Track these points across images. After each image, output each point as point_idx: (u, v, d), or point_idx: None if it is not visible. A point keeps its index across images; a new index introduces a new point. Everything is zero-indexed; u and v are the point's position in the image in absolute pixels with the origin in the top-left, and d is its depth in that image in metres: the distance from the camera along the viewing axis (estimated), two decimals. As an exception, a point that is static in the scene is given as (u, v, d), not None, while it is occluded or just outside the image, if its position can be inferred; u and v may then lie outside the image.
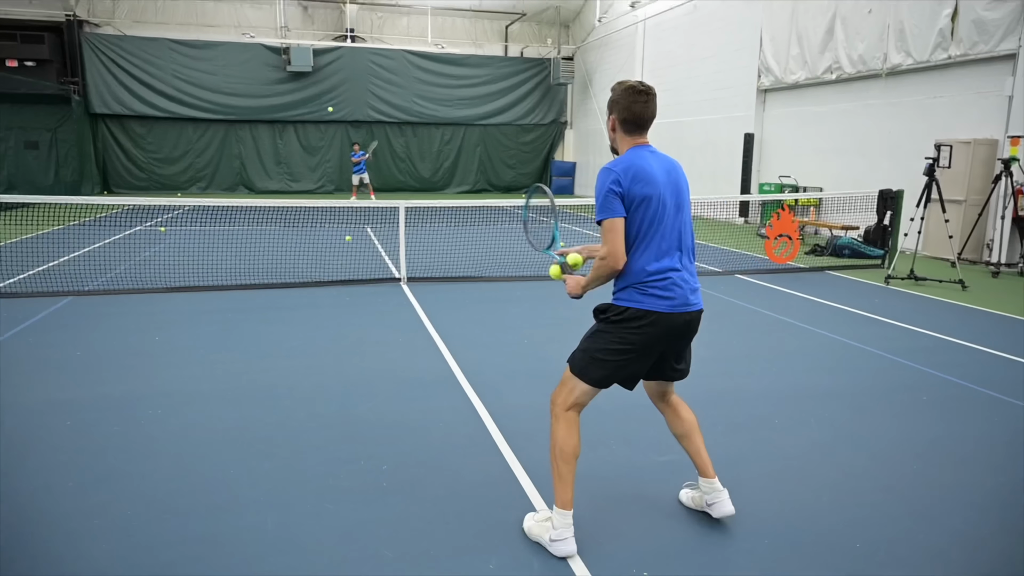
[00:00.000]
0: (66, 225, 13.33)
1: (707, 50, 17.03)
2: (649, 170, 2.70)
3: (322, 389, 4.56)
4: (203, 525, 2.90)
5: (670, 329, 2.72)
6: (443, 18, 24.34)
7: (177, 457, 3.53)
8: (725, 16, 16.26)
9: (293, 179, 23.73)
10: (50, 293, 7.25)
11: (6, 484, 3.22)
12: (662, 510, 3.08)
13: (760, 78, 15.02)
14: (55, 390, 4.47)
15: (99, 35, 21.51)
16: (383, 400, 4.36)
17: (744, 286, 8.37)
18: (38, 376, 4.73)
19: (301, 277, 8.29)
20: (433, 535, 2.86)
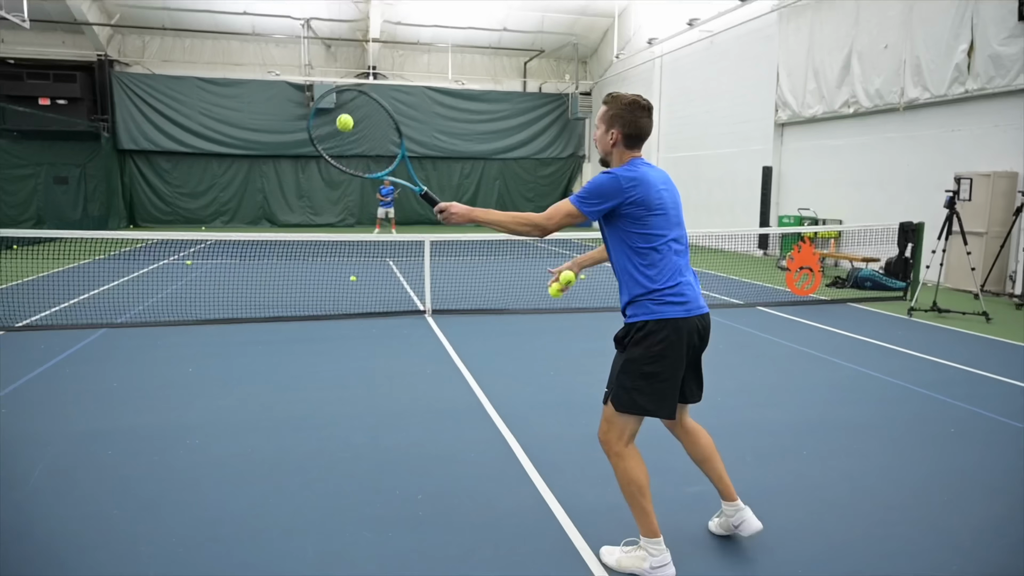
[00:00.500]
0: (95, 259, 13.67)
1: (724, 85, 17.28)
2: (656, 183, 2.78)
3: (354, 419, 4.67)
4: (246, 552, 3.00)
5: (689, 334, 2.78)
6: (463, 55, 24.92)
7: (217, 486, 3.64)
8: (742, 52, 16.53)
9: (315, 213, 24.17)
10: (84, 325, 7.46)
11: (57, 510, 3.34)
12: (693, 540, 3.13)
13: (777, 112, 15.20)
14: (96, 420, 4.61)
15: (129, 74, 22.25)
16: (414, 430, 4.45)
17: (766, 318, 8.41)
18: (78, 406, 4.89)
19: (327, 310, 8.45)
20: (471, 564, 2.93)
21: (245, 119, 22.91)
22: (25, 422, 4.54)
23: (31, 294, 9.27)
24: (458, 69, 24.78)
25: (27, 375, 5.59)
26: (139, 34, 22.55)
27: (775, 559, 2.97)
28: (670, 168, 20.19)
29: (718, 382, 5.61)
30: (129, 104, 22.16)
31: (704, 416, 4.72)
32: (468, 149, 24.82)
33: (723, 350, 6.77)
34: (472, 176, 25.30)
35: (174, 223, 23.03)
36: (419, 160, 24.76)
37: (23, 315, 7.87)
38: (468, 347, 6.70)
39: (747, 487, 3.64)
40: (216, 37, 22.97)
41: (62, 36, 21.71)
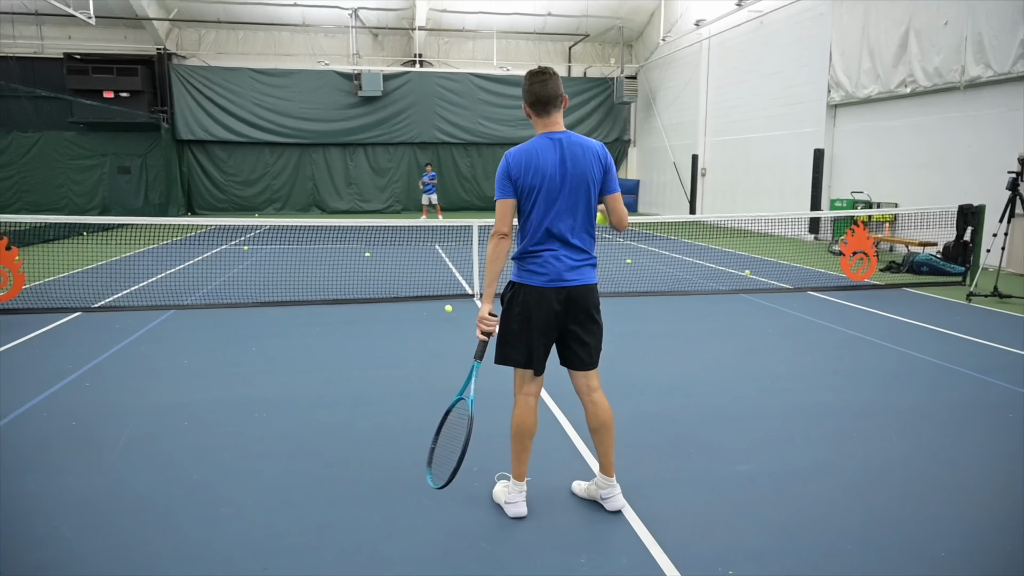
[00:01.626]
0: (159, 244, 14.25)
1: (774, 66, 16.92)
2: (540, 161, 2.98)
3: (409, 396, 4.85)
4: (316, 516, 3.19)
5: (545, 302, 3.04)
6: (508, 41, 24.93)
7: (286, 455, 3.85)
8: (793, 32, 16.15)
9: (363, 199, 24.61)
10: (153, 307, 7.84)
11: (143, 474, 3.60)
12: (745, 515, 3.19)
13: (830, 93, 14.84)
14: (170, 394, 4.90)
15: (186, 66, 22.95)
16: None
17: (817, 303, 8.31)
18: (154, 381, 5.19)
19: (378, 293, 8.68)
20: (524, 532, 3.06)
21: (295, 108, 23.42)
22: (108, 395, 4.85)
23: (103, 278, 9.76)
24: (502, 55, 24.81)
25: (106, 352, 5.94)
26: (195, 27, 23.20)
27: (827, 531, 3.01)
28: (718, 152, 19.92)
29: (768, 366, 5.64)
30: (186, 95, 22.87)
31: (753, 398, 4.79)
32: (512, 135, 24.86)
33: (773, 335, 6.75)
34: (517, 162, 25.34)
35: (229, 210, 23.75)
36: (464, 147, 24.95)
37: (97, 297, 8.31)
38: (517, 329, 6.81)
39: (796, 467, 3.69)
40: (268, 29, 23.49)
41: (124, 31, 22.52)
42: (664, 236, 16.18)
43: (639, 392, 4.96)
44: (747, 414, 4.51)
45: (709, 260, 12.13)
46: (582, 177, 3.02)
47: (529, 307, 3.06)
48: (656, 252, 13.38)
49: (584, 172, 3.02)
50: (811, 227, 15.77)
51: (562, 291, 3.05)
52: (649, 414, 4.50)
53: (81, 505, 3.27)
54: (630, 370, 5.52)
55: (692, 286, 9.46)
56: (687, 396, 4.87)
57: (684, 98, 21.73)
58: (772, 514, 3.19)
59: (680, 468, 3.70)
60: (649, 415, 4.48)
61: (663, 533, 3.02)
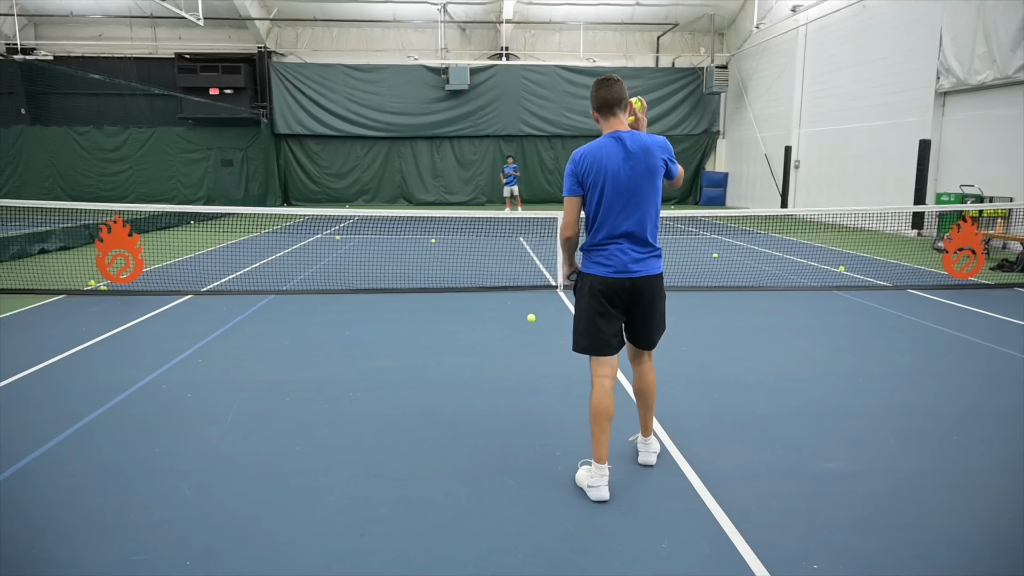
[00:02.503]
0: (260, 232, 15.08)
1: (877, 53, 16.11)
2: (605, 160, 3.21)
3: (495, 382, 5.01)
4: (406, 490, 3.38)
5: (613, 291, 3.25)
6: (595, 32, 24.78)
7: (378, 433, 4.08)
8: (898, 16, 15.32)
9: (448, 191, 25.13)
10: (256, 291, 8.36)
11: (251, 445, 3.90)
12: (830, 511, 3.16)
13: (939, 80, 14.00)
14: (274, 372, 5.25)
15: (284, 63, 24.06)
16: (550, 395, 4.71)
17: (918, 302, 7.93)
18: (259, 359, 5.57)
19: (464, 283, 8.91)
20: (606, 515, 3.14)
21: (385, 103, 24.15)
22: (218, 371, 5.25)
23: (210, 264, 10.45)
24: (589, 47, 24.69)
25: (215, 332, 6.41)
26: (293, 26, 24.28)
27: (921, 533, 2.94)
28: (812, 144, 19.19)
29: (861, 364, 5.47)
30: (284, 92, 23.99)
31: (847, 399, 4.67)
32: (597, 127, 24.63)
33: (867, 333, 6.52)
34: (602, 154, 25.19)
35: (322, 201, 24.79)
36: (548, 139, 25.02)
37: (206, 281, 8.93)
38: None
39: (888, 467, 3.60)
40: (360, 25, 24.29)
41: (229, 31, 23.84)
42: (754, 231, 15.74)
43: (725, 386, 4.93)
44: (836, 412, 4.41)
45: (801, 256, 11.75)
46: (645, 173, 3.21)
47: (597, 296, 3.27)
48: (745, 247, 13.05)
49: (648, 170, 3.21)
50: (914, 222, 14.95)
51: (628, 280, 3.25)
52: (735, 408, 4.47)
53: (198, 468, 3.59)
54: (717, 364, 5.48)
55: (782, 282, 9.21)
56: (775, 392, 4.80)
57: (777, 88, 21.00)
58: (860, 512, 3.14)
59: (765, 463, 3.68)
60: (735, 409, 4.45)
61: (745, 524, 3.04)
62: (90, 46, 23.57)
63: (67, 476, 3.51)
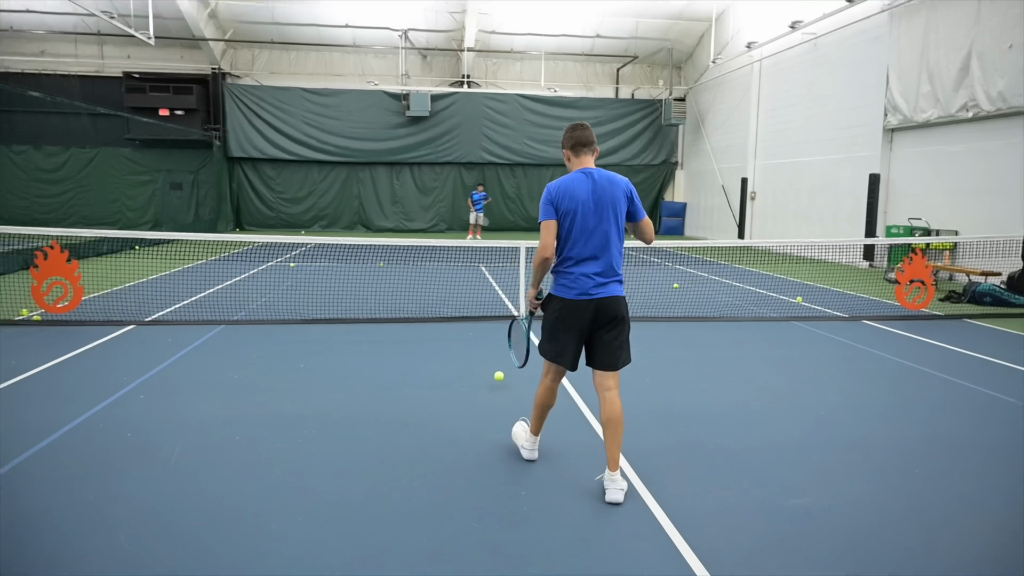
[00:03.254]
0: (208, 260, 14.69)
1: (828, 88, 16.72)
2: (575, 190, 3.66)
3: (457, 418, 4.90)
4: (365, 535, 3.25)
5: (577, 312, 3.67)
6: (556, 62, 25.19)
7: (336, 473, 3.93)
8: (848, 54, 15.95)
9: (408, 218, 25.00)
10: (204, 322, 8.09)
11: (196, 487, 3.71)
12: (800, 549, 3.14)
13: (887, 117, 14.58)
14: (223, 408, 5.04)
15: (239, 85, 23.77)
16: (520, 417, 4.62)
17: (873, 333, 8.12)
18: (207, 395, 5.35)
19: (424, 313, 8.80)
20: (576, 556, 3.06)
21: (344, 127, 24.01)
22: (162, 407, 5.02)
23: (155, 292, 10.11)
24: (550, 76, 25.06)
25: (159, 366, 6.15)
26: (249, 48, 24.07)
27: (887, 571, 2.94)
28: (768, 176, 19.73)
29: (822, 396, 5.54)
30: (239, 114, 23.66)
31: (811, 431, 4.71)
32: (559, 156, 24.86)
33: (827, 364, 6.63)
34: (562, 183, 25.43)
35: (276, 227, 24.37)
36: (510, 167, 25.18)
37: (150, 311, 8.62)
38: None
39: (857, 504, 3.62)
40: (319, 49, 24.21)
41: (181, 51, 23.48)
42: (713, 261, 16.02)
43: (691, 420, 4.92)
44: (802, 445, 4.44)
45: (760, 286, 11.97)
46: (610, 205, 3.67)
47: (563, 315, 3.72)
48: (705, 277, 13.24)
49: (613, 201, 3.68)
50: (866, 254, 15.42)
51: (591, 303, 3.66)
52: (701, 443, 4.45)
53: (137, 516, 3.39)
54: (682, 397, 5.48)
55: (742, 312, 9.35)
56: (740, 425, 4.81)
57: (734, 120, 21.59)
58: (829, 551, 3.13)
59: (734, 499, 3.65)
60: (701, 444, 4.44)
61: (715, 564, 2.99)
62: (31, 62, 22.91)
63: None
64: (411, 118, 23.89)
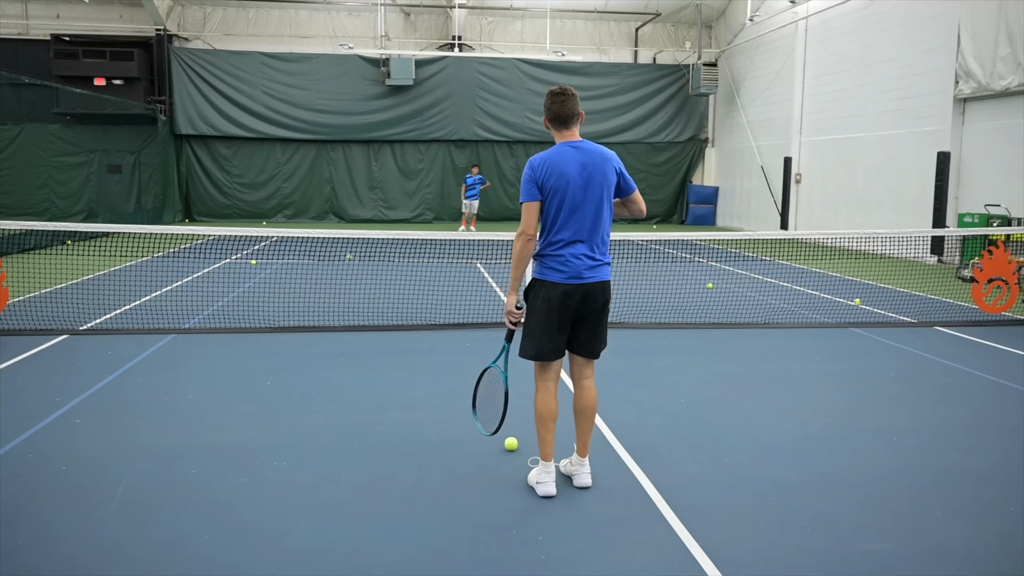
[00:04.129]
0: (152, 256, 14.63)
1: (887, 52, 16.69)
2: (564, 167, 3.86)
3: (457, 445, 4.83)
4: (351, 589, 3.17)
5: (568, 297, 3.89)
6: (563, 21, 25.14)
7: (312, 514, 3.85)
8: (911, 12, 15.93)
9: (388, 206, 24.96)
10: (151, 331, 8.02)
11: (144, 532, 3.63)
12: (879, 609, 3.07)
13: (958, 84, 14.55)
14: (173, 435, 4.97)
15: (188, 50, 23.72)
16: (525, 459, 4.55)
17: (947, 341, 8.07)
18: (155, 419, 5.27)
19: (411, 319, 8.73)
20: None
21: (312, 99, 23.96)
22: (103, 435, 4.94)
23: (91, 294, 10.03)
24: (557, 38, 25.01)
25: (98, 383, 6.08)
26: (200, 5, 24.02)
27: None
28: (815, 153, 19.70)
29: (892, 418, 5.48)
30: (188, 83, 23.60)
31: (883, 461, 4.65)
32: (566, 132, 24.95)
33: (895, 379, 6.57)
34: (571, 164, 25.40)
35: (233, 217, 24.34)
36: (508, 144, 25.14)
37: (86, 317, 8.54)
38: (580, 366, 6.77)
39: (943, 551, 3.55)
40: (282, 7, 24.18)
41: (119, 9, 23.43)
42: (752, 256, 15.97)
43: (736, 447, 4.85)
44: (871, 479, 4.37)
45: (809, 286, 11.92)
46: (601, 182, 3.90)
47: (551, 302, 3.90)
48: (744, 275, 13.19)
49: (603, 177, 3.91)
50: (934, 247, 15.39)
51: (581, 287, 3.90)
52: (750, 476, 4.38)
53: (76, 566, 3.31)
54: (724, 421, 5.41)
55: (790, 317, 9.29)
56: (795, 455, 4.74)
57: (774, 90, 21.56)
58: (915, 609, 3.06)
59: (794, 544, 3.58)
60: (750, 478, 4.37)
61: (779, 628, 2.92)
62: (-57, 24, 22.85)
63: (-101, 580, 3.19)
64: (392, 88, 23.83)
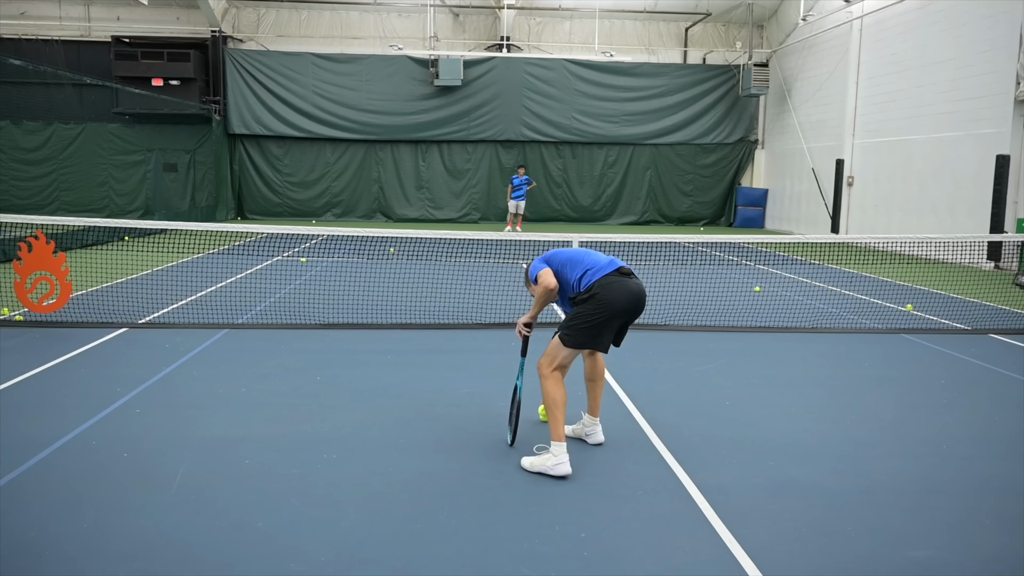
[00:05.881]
0: (206, 253, 15.00)
1: (945, 52, 16.33)
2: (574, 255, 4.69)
3: (501, 443, 4.91)
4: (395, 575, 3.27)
5: (634, 302, 4.46)
6: (612, 21, 25.07)
7: (361, 505, 3.97)
8: (970, 10, 15.56)
9: (435, 206, 25.16)
10: (206, 325, 8.25)
11: (203, 520, 3.78)
12: (924, 615, 3.06)
13: (1020, 86, 14.18)
14: (228, 426, 5.14)
15: (242, 51, 24.23)
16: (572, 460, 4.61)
17: (1002, 349, 7.90)
18: (210, 411, 5.46)
19: (457, 318, 8.84)
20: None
21: (362, 99, 24.27)
22: (161, 425, 5.13)
23: (148, 289, 10.36)
24: (605, 38, 24.96)
25: (156, 375, 6.30)
26: (254, 7, 24.51)
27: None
28: (869, 157, 19.41)
29: (942, 426, 5.42)
30: (241, 84, 24.10)
31: (931, 469, 4.61)
32: (614, 133, 24.91)
33: (946, 386, 6.48)
34: (618, 165, 25.36)
35: (283, 215, 24.78)
36: (556, 146, 25.16)
37: (144, 311, 8.83)
38: (626, 368, 6.81)
39: (992, 560, 3.52)
40: (334, 8, 24.53)
41: (177, 12, 24.03)
42: (801, 259, 15.76)
43: (782, 453, 4.84)
44: (918, 486, 4.34)
45: (860, 291, 11.75)
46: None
47: (616, 308, 4.41)
48: (792, 279, 13.04)
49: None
50: (991, 253, 15.01)
51: (631, 283, 4.49)
52: (796, 481, 4.38)
53: (136, 552, 3.47)
54: (770, 424, 5.40)
55: (840, 322, 9.18)
56: (841, 460, 4.72)
57: (827, 91, 21.23)
58: (961, 617, 3.05)
59: (839, 550, 3.58)
60: (796, 482, 4.36)
61: (820, 631, 2.93)
62: (10, 26, 23.70)
63: (-25, 556, 3.38)
64: (440, 88, 24.03)
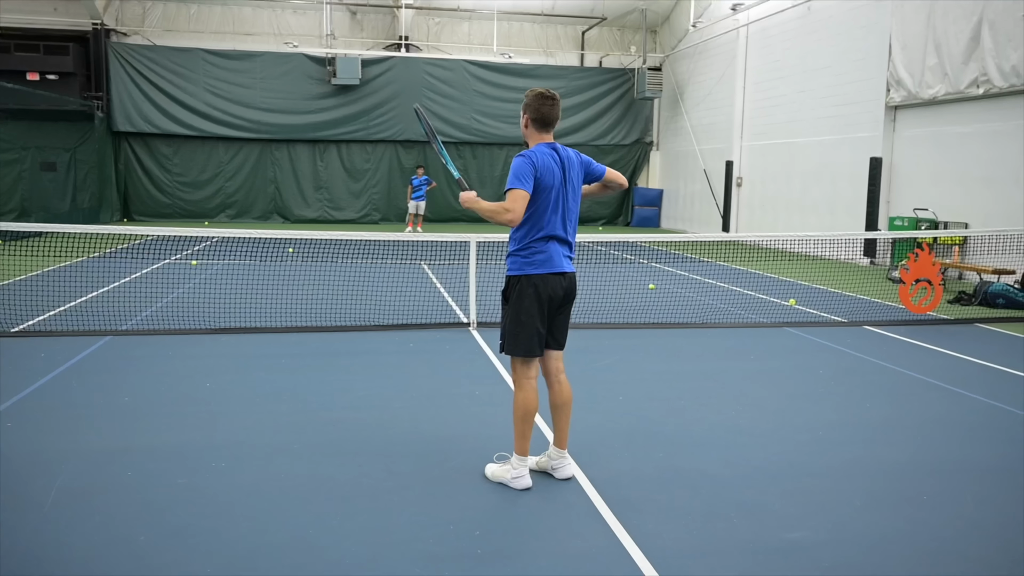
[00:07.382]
0: (88, 257, 14.30)
1: (824, 59, 17.22)
2: (552, 166, 4.10)
3: (397, 445, 4.89)
4: (289, 586, 3.22)
5: (554, 288, 4.14)
6: (510, 23, 25.29)
7: (250, 515, 3.88)
8: (846, 20, 16.45)
9: (335, 207, 24.75)
10: (86, 332, 7.87)
11: (79, 535, 3.62)
12: (797, 593, 3.23)
13: (889, 92, 15.09)
14: (110, 438, 4.92)
15: (127, 45, 23.19)
16: (466, 460, 4.64)
17: (875, 340, 8.40)
18: (90, 421, 5.22)
19: (355, 320, 8.74)
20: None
21: (256, 97, 23.65)
22: (35, 438, 4.87)
23: (24, 295, 9.79)
24: (504, 40, 25.16)
25: (30, 386, 5.97)
26: (140, 0, 23.48)
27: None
28: (756, 159, 20.20)
29: (819, 414, 5.71)
30: (126, 79, 23.07)
31: (808, 454, 4.85)
32: (513, 134, 25.10)
33: (824, 377, 6.82)
34: (518, 166, 25.53)
35: (173, 217, 23.86)
36: (456, 146, 25.16)
37: (18, 319, 8.35)
38: (521, 366, 6.87)
39: (856, 535, 3.74)
40: (225, 3, 23.82)
41: (54, 3, 22.76)
42: (694, 257, 16.31)
43: (671, 442, 5.01)
44: (796, 471, 4.56)
45: (748, 287, 12.24)
46: (574, 182, 4.22)
47: (540, 293, 4.11)
48: (685, 277, 13.47)
49: (575, 178, 4.23)
50: (867, 249, 15.93)
51: (564, 276, 4.19)
52: (682, 469, 4.54)
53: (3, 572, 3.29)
54: (660, 416, 5.58)
55: (728, 317, 9.54)
56: (725, 448, 4.92)
57: (717, 95, 22.03)
58: (830, 592, 3.23)
59: (721, 534, 3.74)
60: (683, 470, 4.52)
61: (702, 613, 3.06)
62: None
63: None
64: (338, 87, 23.66)
